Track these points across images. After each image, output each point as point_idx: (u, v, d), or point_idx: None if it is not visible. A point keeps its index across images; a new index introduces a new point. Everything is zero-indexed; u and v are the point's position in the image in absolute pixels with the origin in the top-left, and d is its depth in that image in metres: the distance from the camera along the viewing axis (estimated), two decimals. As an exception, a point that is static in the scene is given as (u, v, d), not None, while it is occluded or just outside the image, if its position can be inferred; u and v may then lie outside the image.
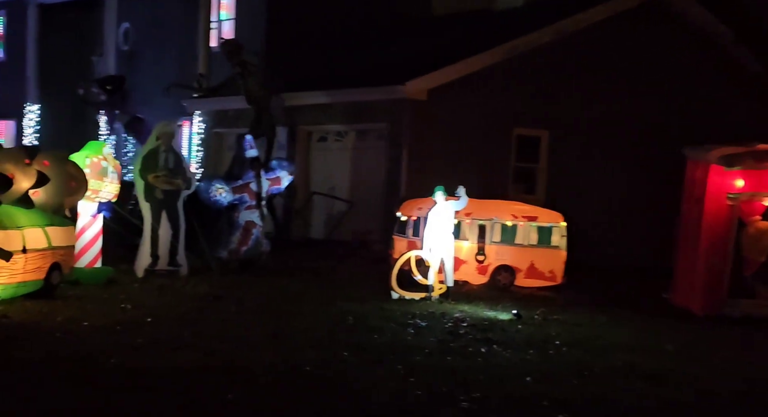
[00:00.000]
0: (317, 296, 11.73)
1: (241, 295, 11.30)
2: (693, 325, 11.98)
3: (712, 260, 13.29)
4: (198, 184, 13.76)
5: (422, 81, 18.16)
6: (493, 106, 18.50)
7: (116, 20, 25.58)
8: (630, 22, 19.52)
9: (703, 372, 8.73)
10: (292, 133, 20.56)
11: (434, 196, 12.71)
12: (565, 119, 19.05)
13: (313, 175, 20.61)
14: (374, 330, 9.45)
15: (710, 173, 13.37)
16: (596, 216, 19.08)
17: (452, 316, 11.03)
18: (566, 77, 19.11)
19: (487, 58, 18.49)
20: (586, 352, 9.38)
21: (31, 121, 26.54)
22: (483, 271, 14.49)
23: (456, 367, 8.04)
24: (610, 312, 12.55)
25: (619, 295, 14.60)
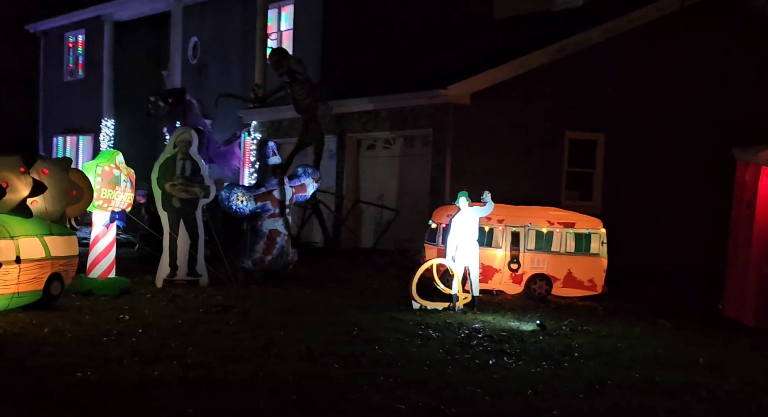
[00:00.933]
0: (332, 306, 11.44)
1: (251, 305, 11.07)
2: (740, 338, 11.35)
3: (764, 268, 12.51)
4: (220, 192, 13.53)
5: (464, 85, 17.81)
6: (542, 110, 18.06)
7: (182, 35, 26.15)
8: (688, 18, 18.88)
9: (732, 388, 8.19)
10: (341, 141, 20.46)
11: (457, 201, 12.24)
12: (622, 122, 18.49)
13: (363, 183, 20.41)
14: (377, 341, 9.09)
15: (762, 176, 12.63)
16: (655, 222, 18.53)
17: (470, 326, 10.60)
18: (622, 78, 18.57)
19: (532, 60, 18.04)
20: (604, 365, 8.88)
21: (107, 136, 27.54)
22: (518, 281, 13.96)
23: (454, 380, 7.64)
24: (649, 323, 12.00)
25: (668, 304, 13.88)
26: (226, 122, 23.88)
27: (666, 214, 18.57)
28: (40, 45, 31.94)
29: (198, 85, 24.65)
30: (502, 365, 8.51)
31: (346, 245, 19.43)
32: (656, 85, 18.65)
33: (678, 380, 8.36)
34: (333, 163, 20.91)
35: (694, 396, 7.79)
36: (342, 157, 20.50)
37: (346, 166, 20.49)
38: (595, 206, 18.86)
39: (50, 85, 31.59)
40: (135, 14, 27.79)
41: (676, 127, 18.73)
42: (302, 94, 19.33)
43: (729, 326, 12.24)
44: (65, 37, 30.91)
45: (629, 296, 14.56)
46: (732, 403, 7.63)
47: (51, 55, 31.60)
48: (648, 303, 13.98)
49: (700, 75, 18.89)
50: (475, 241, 12.32)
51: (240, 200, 13.50)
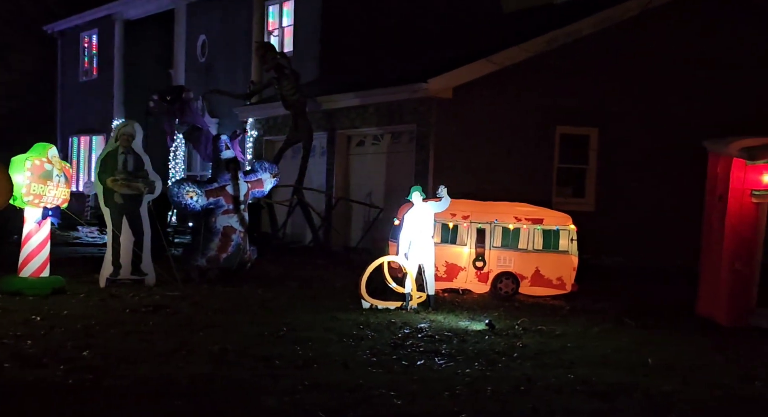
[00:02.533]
0: (276, 306, 11.15)
1: (188, 305, 10.79)
2: (705, 337, 10.96)
3: (736, 265, 12.06)
4: (169, 187, 13.22)
5: (446, 78, 17.49)
6: (531, 104, 17.72)
7: (190, 33, 26.39)
8: (688, 8, 18.52)
9: (671, 388, 7.88)
10: (332, 137, 20.30)
11: (410, 197, 11.87)
12: (616, 116, 18.13)
13: (353, 180, 20.17)
14: (303, 342, 8.80)
15: (732, 168, 12.19)
16: (651, 219, 18.19)
17: (414, 326, 10.27)
18: (617, 71, 18.19)
19: (519, 52, 17.64)
20: (541, 366, 8.56)
21: None
22: (483, 279, 13.59)
23: (369, 382, 7.37)
24: (614, 322, 11.63)
25: (645, 303, 13.43)
26: (234, 121, 23.75)
27: (662, 211, 18.20)
28: (57, 46, 32.61)
29: (206, 84, 24.64)
30: (429, 366, 8.20)
31: (337, 244, 19.12)
32: (652, 78, 18.27)
33: (616, 381, 8.08)
34: (323, 160, 20.64)
35: (626, 397, 7.53)
36: (332, 153, 20.21)
37: (335, 163, 20.29)
38: (588, 203, 18.54)
39: (67, 85, 32.22)
40: (143, 12, 28.15)
41: (673, 121, 18.35)
42: (290, 90, 19.15)
43: (699, 325, 11.89)
44: (81, 38, 31.52)
45: (605, 295, 14.19)
46: (664, 405, 7.36)
47: (67, 55, 32.29)
48: (622, 302, 13.55)
49: (699, 68, 18.50)
50: (431, 238, 11.97)
51: (190, 196, 13.21)
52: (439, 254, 13.65)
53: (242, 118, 23.29)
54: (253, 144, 22.93)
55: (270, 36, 24.02)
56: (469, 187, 16.43)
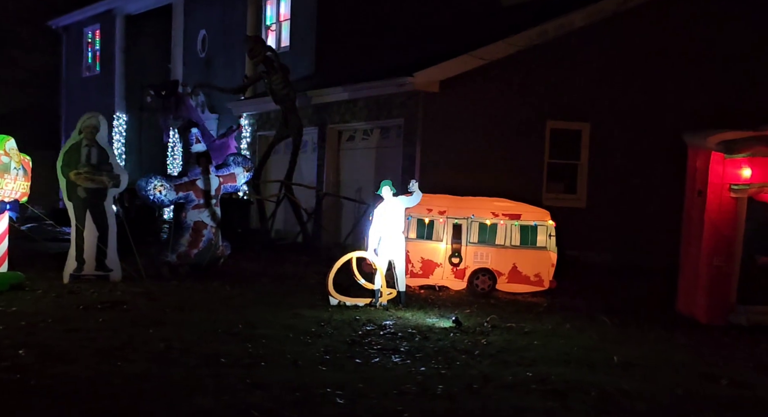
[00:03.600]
0: (240, 303, 11.03)
1: (148, 302, 10.60)
2: (680, 335, 10.78)
3: (715, 261, 11.84)
4: (138, 181, 13.04)
5: (432, 72, 17.33)
6: (521, 98, 17.59)
7: (190, 27, 26.46)
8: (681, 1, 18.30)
9: (630, 387, 7.73)
10: (322, 132, 20.17)
11: (380, 191, 11.70)
12: (609, 111, 17.92)
13: (343, 175, 20.02)
14: (257, 339, 8.64)
15: (711, 162, 11.99)
16: (644, 216, 18.01)
17: (379, 323, 10.12)
18: (610, 64, 17.98)
19: (505, 47, 17.46)
20: (500, 364, 8.43)
21: (119, 130, 28.08)
22: (460, 275, 13.42)
23: (316, 381, 7.25)
24: (589, 319, 11.46)
25: (626, 301, 13.25)
26: (233, 117, 23.59)
27: (655, 208, 17.92)
28: (62, 41, 32.85)
29: (206, 79, 24.56)
30: (383, 365, 8.05)
31: (328, 240, 18.96)
32: (647, 73, 18.06)
33: (575, 379, 7.96)
34: (315, 155, 20.47)
35: (582, 395, 7.41)
36: (323, 149, 20.10)
37: (326, 158, 20.15)
38: (579, 199, 18.37)
39: (71, 80, 32.41)
40: (143, 7, 28.19)
41: (668, 117, 18.12)
42: (279, 84, 19.04)
43: (677, 323, 11.72)
44: (84, 33, 31.66)
45: (586, 292, 14.02)
46: (618, 403, 7.24)
47: (71, 51, 32.47)
48: (603, 299, 13.37)
49: (695, 61, 18.29)
50: (401, 233, 11.80)
51: (158, 190, 13.03)
52: (415, 250, 13.52)
53: (236, 113, 23.24)
54: (250, 139, 22.78)
55: (267, 31, 23.87)
56: (458, 183, 16.24)
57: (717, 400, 7.53)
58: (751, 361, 9.46)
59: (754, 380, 8.40)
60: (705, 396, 7.66)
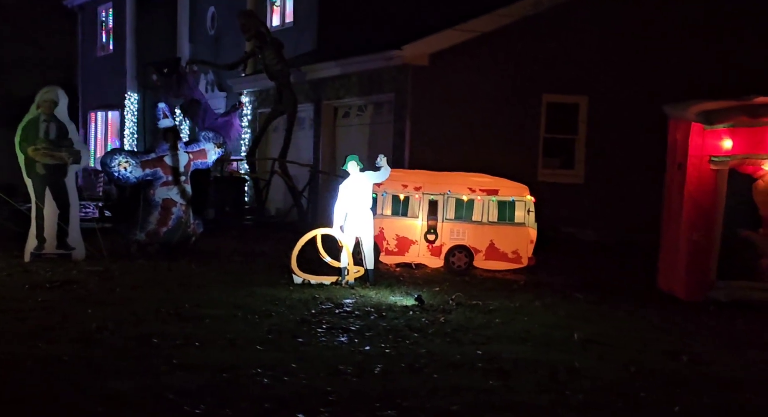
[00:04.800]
0: (197, 282, 10.79)
1: (102, 281, 10.40)
2: (654, 312, 10.65)
3: (694, 235, 11.53)
4: (102, 157, 12.81)
5: (421, 45, 17.01)
6: (516, 71, 17.21)
7: (196, 5, 26.25)
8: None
9: (583, 365, 7.53)
10: (318, 109, 19.91)
11: (345, 166, 11.42)
12: (608, 83, 17.40)
13: (339, 153, 19.73)
14: (199, 319, 8.51)
15: (691, 133, 11.65)
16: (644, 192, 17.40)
17: (338, 302, 9.88)
18: (609, 35, 17.46)
19: (498, 18, 17.05)
20: (453, 342, 8.28)
21: (131, 110, 27.94)
22: (436, 253, 13.17)
23: (246, 361, 7.03)
24: (563, 297, 11.16)
25: (608, 278, 12.95)
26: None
27: (654, 184, 17.33)
28: (77, 21, 32.91)
29: (216, 57, 24.29)
30: (326, 344, 7.92)
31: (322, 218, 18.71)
32: (647, 43, 17.50)
33: (528, 358, 7.78)
34: (310, 132, 20.19)
35: (528, 374, 7.22)
36: (318, 125, 19.85)
37: (321, 135, 19.88)
38: (577, 175, 18.02)
39: (86, 60, 32.46)
40: None
41: (670, 89, 17.31)
42: (272, 59, 18.78)
43: (656, 300, 11.49)
44: (98, 12, 31.60)
45: (569, 269, 13.75)
46: (564, 382, 7.02)
47: (87, 30, 32.50)
48: (585, 277, 13.07)
49: (696, 30, 17.71)
50: (369, 209, 11.58)
51: (123, 166, 12.81)
52: (390, 227, 13.28)
53: (237, 91, 23.01)
54: (250, 116, 22.52)
55: (272, 7, 23.52)
56: (449, 159, 15.98)
57: (670, 378, 7.33)
58: (720, 338, 9.24)
59: (716, 357, 8.18)
60: (659, 373, 7.46)
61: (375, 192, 13.27)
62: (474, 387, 6.68)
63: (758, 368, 7.89)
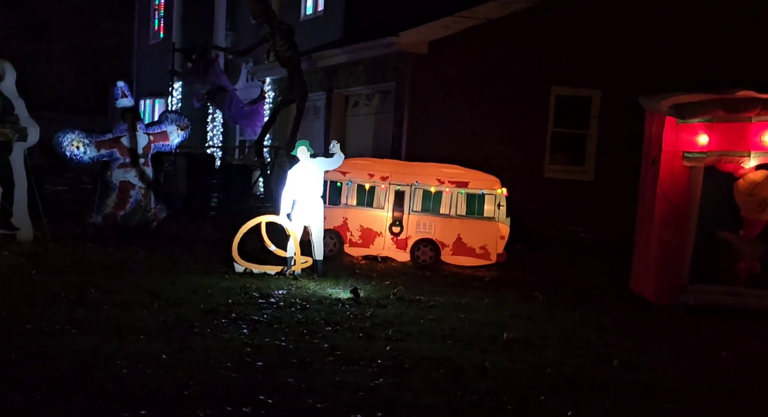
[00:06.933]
0: (132, 268, 10.44)
1: (22, 264, 10.06)
2: (612, 315, 10.05)
3: (667, 237, 10.87)
4: (55, 136, 12.43)
5: (419, 32, 16.45)
6: (522, 62, 16.53)
7: None
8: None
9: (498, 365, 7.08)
10: (329, 97, 19.51)
11: (295, 152, 10.94)
12: (623, 76, 16.53)
13: (349, 142, 19.21)
14: (96, 305, 8.15)
15: (665, 127, 10.99)
16: None
17: (266, 292, 9.37)
18: (624, 25, 16.66)
19: (500, 6, 16.31)
20: (364, 338, 7.92)
21: (175, 98, 27.79)
22: (402, 246, 12.68)
23: (117, 351, 6.69)
24: (522, 296, 10.55)
25: (583, 278, 12.36)
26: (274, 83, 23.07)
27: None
28: (134, 8, 33.26)
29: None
30: (221, 335, 7.54)
31: None
32: (665, 34, 16.69)
33: (435, 356, 7.35)
34: (321, 121, 19.78)
35: (427, 372, 6.76)
36: (329, 114, 19.48)
37: (332, 124, 19.42)
38: (587, 172, 17.34)
39: (141, 48, 32.72)
40: None
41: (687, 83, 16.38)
42: (282, 46, 18.38)
43: (622, 302, 10.84)
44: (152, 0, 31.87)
45: (547, 268, 13.09)
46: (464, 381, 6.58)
47: (142, 18, 32.77)
48: (556, 275, 12.43)
49: (716, 23, 16.83)
50: (319, 198, 11.09)
51: (76, 146, 12.45)
52: (354, 217, 12.80)
53: (259, 79, 22.63)
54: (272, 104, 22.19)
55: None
56: (448, 151, 15.40)
57: (585, 382, 6.86)
58: (669, 343, 8.63)
59: (651, 363, 7.63)
60: (576, 377, 7.00)
61: (340, 180, 12.84)
62: (359, 385, 6.22)
63: (690, 376, 7.31)
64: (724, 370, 7.63)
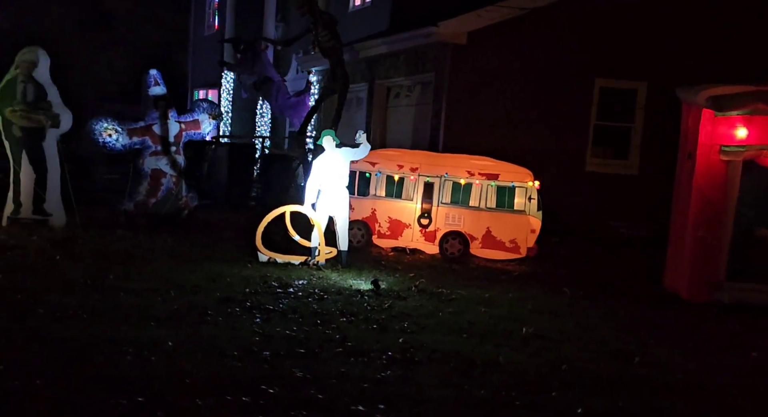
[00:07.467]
0: (155, 256, 10.46)
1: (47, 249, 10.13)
2: (639, 311, 9.78)
3: (701, 233, 10.59)
4: (88, 123, 12.52)
5: (458, 22, 16.34)
6: (565, 52, 16.32)
7: None
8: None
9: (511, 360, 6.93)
10: (371, 89, 19.46)
11: (321, 141, 10.83)
12: (670, 68, 16.10)
13: (390, 134, 19.28)
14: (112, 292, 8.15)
15: (702, 120, 10.67)
16: None
17: (286, 282, 9.30)
18: (673, 14, 16.28)
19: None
20: (378, 330, 7.81)
21: (226, 89, 28.10)
22: (430, 238, 12.52)
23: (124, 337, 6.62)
24: (550, 290, 10.40)
25: (616, 274, 12.17)
26: None
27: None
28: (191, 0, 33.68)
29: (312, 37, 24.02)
30: (233, 324, 7.46)
31: None
32: (715, 23, 16.26)
33: (448, 349, 7.17)
34: (363, 113, 19.72)
35: (437, 365, 6.62)
36: (371, 105, 19.43)
37: (373, 115, 19.35)
38: (631, 166, 17.04)
39: (196, 39, 33.10)
40: None
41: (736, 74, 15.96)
42: (325, 36, 18.34)
43: (653, 299, 10.58)
44: None
45: (579, 263, 12.83)
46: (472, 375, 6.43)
47: (198, 9, 33.10)
48: (590, 272, 12.18)
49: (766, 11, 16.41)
50: (345, 188, 10.97)
51: (108, 133, 12.51)
52: (383, 209, 12.71)
53: (305, 69, 22.66)
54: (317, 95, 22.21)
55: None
56: (487, 143, 15.22)
57: (599, 378, 6.68)
58: (696, 341, 8.38)
59: (674, 361, 7.41)
60: (591, 373, 6.83)
61: (369, 171, 12.74)
62: (365, 376, 6.12)
63: (712, 375, 7.08)
64: (750, 370, 7.40)
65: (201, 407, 5.21)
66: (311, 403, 5.48)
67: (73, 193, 11.71)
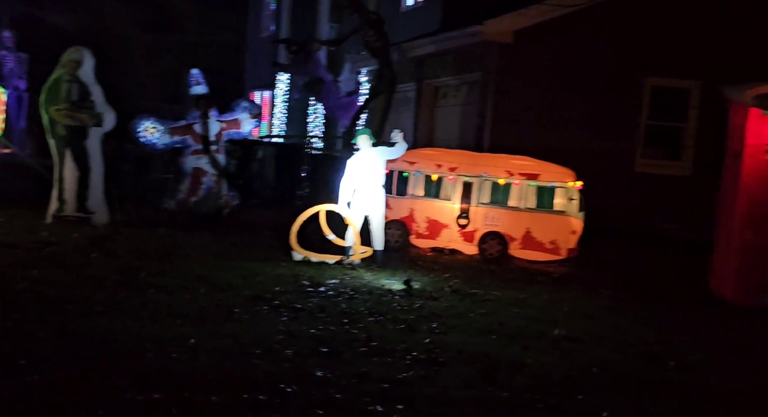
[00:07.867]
0: (193, 254, 10.47)
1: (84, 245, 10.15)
2: (680, 314, 9.62)
3: (747, 234, 10.31)
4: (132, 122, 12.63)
5: (504, 21, 16.22)
6: (613, 51, 16.15)
7: None
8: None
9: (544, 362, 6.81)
10: (419, 88, 19.48)
11: (355, 140, 10.76)
12: (725, 67, 15.80)
13: (437, 134, 19.27)
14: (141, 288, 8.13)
15: (748, 119, 10.39)
16: None
17: (317, 281, 9.24)
18: (727, 11, 15.98)
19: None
20: (405, 330, 7.71)
21: (281, 90, 28.26)
22: (469, 238, 12.37)
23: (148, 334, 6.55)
24: (589, 292, 10.15)
25: (660, 276, 11.93)
26: None
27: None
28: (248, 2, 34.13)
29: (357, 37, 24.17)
30: (257, 322, 7.41)
31: None
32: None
33: (475, 350, 7.01)
34: (411, 112, 19.70)
35: (461, 367, 6.50)
36: (419, 105, 19.43)
37: (420, 115, 19.32)
38: (684, 167, 16.75)
39: (253, 40, 33.44)
40: None
41: None
42: (372, 36, 18.33)
43: (697, 302, 10.29)
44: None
45: (622, 265, 12.56)
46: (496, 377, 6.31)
47: (255, 10, 33.49)
48: (632, 274, 11.95)
49: None
50: (381, 187, 10.88)
51: (150, 132, 12.62)
52: (421, 209, 12.62)
53: (355, 69, 22.74)
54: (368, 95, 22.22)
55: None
56: (533, 143, 15.13)
57: (630, 382, 6.52)
58: (736, 345, 8.16)
59: (712, 366, 7.18)
60: (622, 376, 6.67)
61: (407, 171, 12.64)
62: (386, 377, 6.03)
63: (747, 380, 6.87)
64: (790, 375, 7.16)
65: (216, 404, 5.17)
66: (328, 402, 5.41)
67: (116, 192, 11.83)
